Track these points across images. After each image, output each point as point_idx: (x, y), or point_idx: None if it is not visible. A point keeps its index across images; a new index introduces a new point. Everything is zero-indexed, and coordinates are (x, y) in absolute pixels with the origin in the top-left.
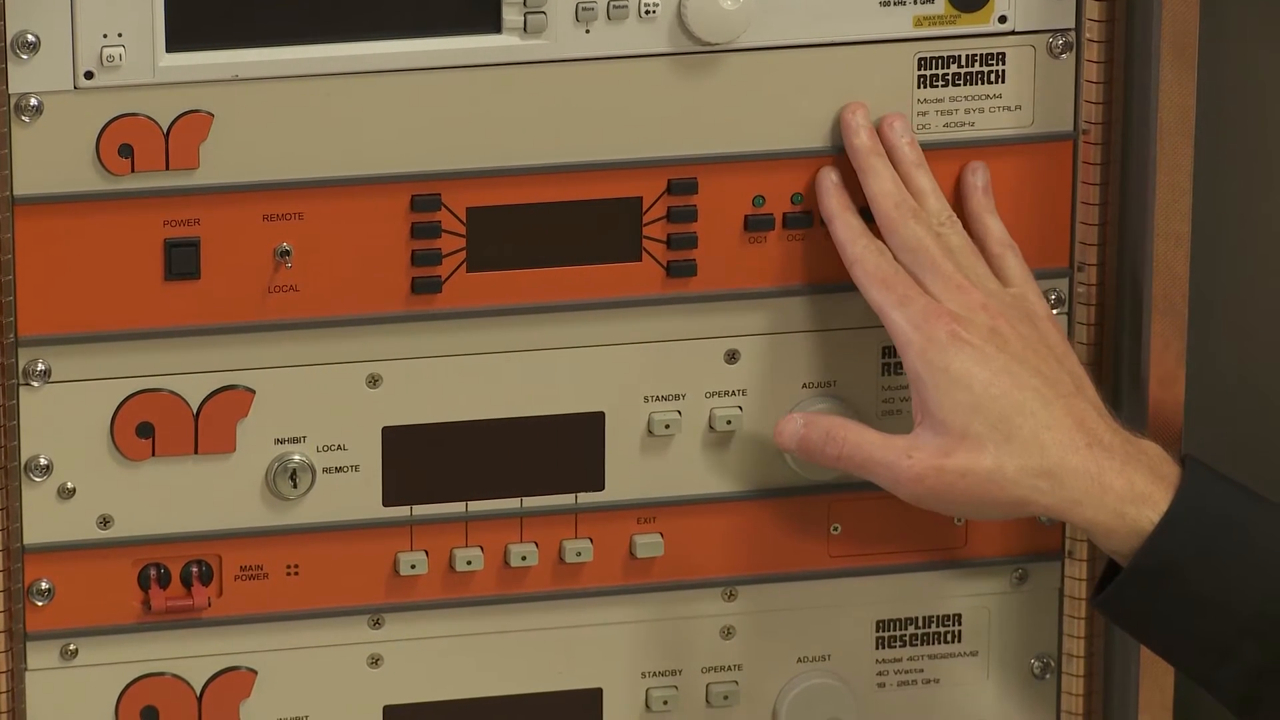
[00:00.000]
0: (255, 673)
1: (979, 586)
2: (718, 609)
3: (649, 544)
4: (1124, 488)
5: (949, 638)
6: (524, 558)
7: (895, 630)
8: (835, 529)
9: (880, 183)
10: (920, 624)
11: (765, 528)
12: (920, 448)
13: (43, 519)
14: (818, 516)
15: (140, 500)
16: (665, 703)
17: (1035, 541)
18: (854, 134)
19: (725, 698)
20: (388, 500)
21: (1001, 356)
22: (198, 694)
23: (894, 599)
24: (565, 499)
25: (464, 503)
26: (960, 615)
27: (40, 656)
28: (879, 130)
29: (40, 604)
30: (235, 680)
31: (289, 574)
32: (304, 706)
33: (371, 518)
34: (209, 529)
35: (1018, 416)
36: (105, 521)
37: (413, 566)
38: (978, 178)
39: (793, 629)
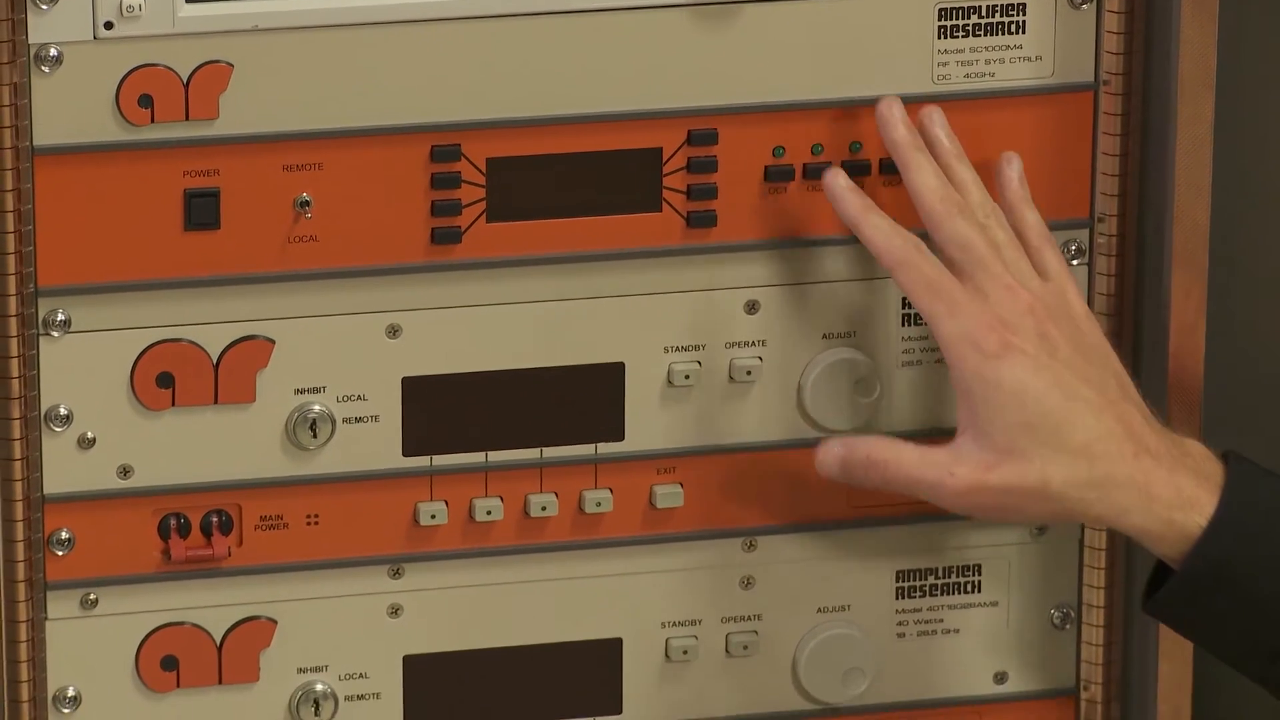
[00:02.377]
0: (275, 622)
1: (999, 537)
2: (737, 559)
3: (669, 494)
4: (1171, 495)
5: (969, 588)
6: (544, 508)
7: (915, 580)
8: None
9: (924, 177)
10: (940, 574)
11: (785, 478)
12: (962, 461)
13: (63, 469)
14: None
15: (160, 450)
16: (685, 652)
17: None
18: (893, 128)
19: (745, 648)
20: (408, 450)
21: (1054, 365)
22: (218, 643)
23: (914, 549)
24: (585, 449)
25: (484, 453)
26: (980, 565)
27: (60, 606)
28: (917, 123)
29: (60, 554)
30: (255, 630)
31: (309, 524)
32: (324, 656)
33: (391, 468)
34: (229, 479)
35: (1068, 429)
36: (125, 471)
37: (432, 516)
38: (1013, 168)
39: (812, 579)
